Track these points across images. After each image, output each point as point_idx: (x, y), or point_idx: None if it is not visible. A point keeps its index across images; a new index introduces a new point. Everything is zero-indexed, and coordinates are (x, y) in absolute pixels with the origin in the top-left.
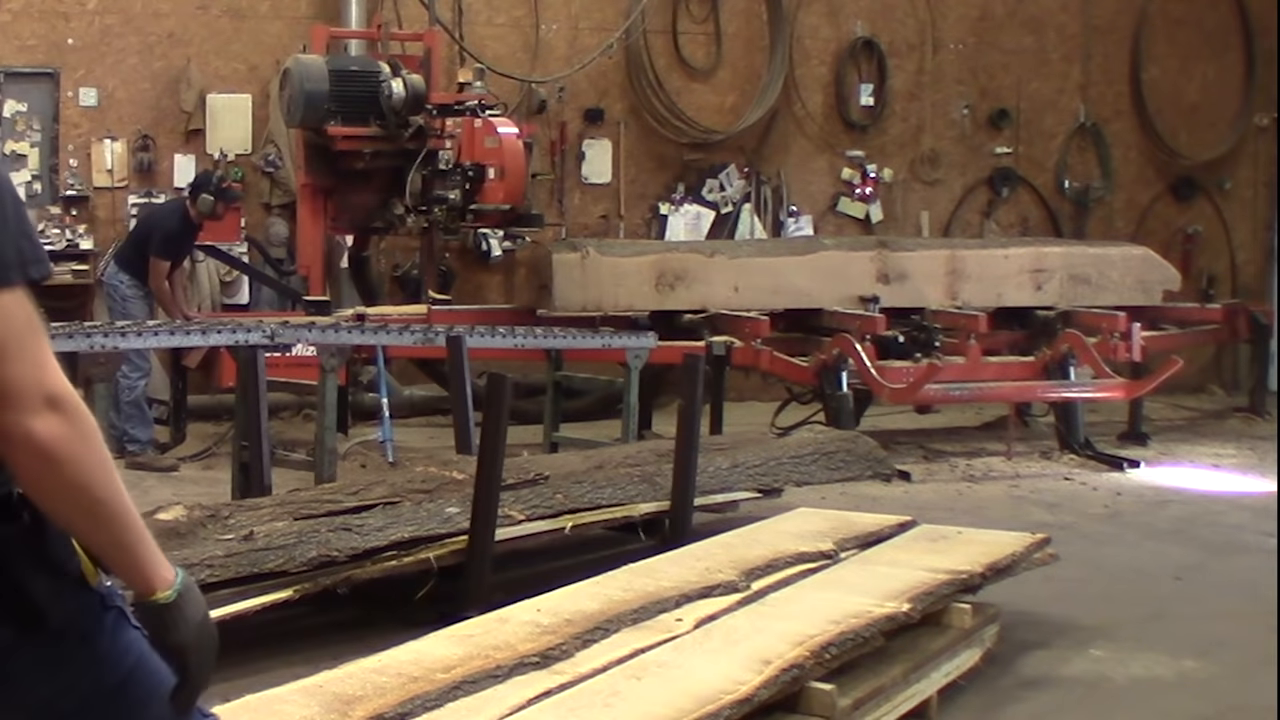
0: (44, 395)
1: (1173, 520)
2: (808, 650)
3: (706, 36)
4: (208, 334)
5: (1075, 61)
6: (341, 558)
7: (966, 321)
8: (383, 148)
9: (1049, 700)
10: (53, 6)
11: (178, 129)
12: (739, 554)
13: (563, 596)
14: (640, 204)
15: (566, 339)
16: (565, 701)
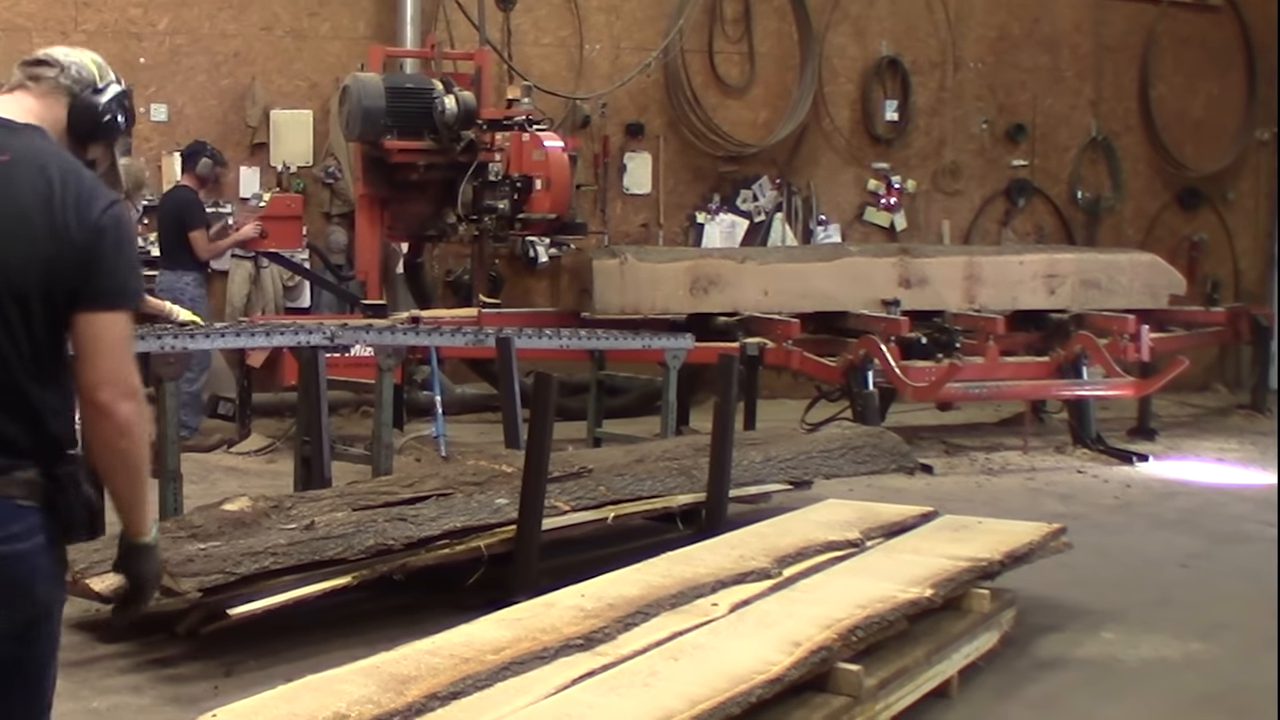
0: (129, 386)
1: (1179, 511)
2: (836, 633)
3: (740, 56)
4: (271, 335)
5: (1087, 79)
6: (397, 546)
7: (984, 324)
8: (436, 160)
9: (1063, 680)
10: (126, 27)
11: (243, 143)
12: (771, 542)
13: (606, 582)
14: (678, 213)
15: (608, 340)
16: (607, 681)
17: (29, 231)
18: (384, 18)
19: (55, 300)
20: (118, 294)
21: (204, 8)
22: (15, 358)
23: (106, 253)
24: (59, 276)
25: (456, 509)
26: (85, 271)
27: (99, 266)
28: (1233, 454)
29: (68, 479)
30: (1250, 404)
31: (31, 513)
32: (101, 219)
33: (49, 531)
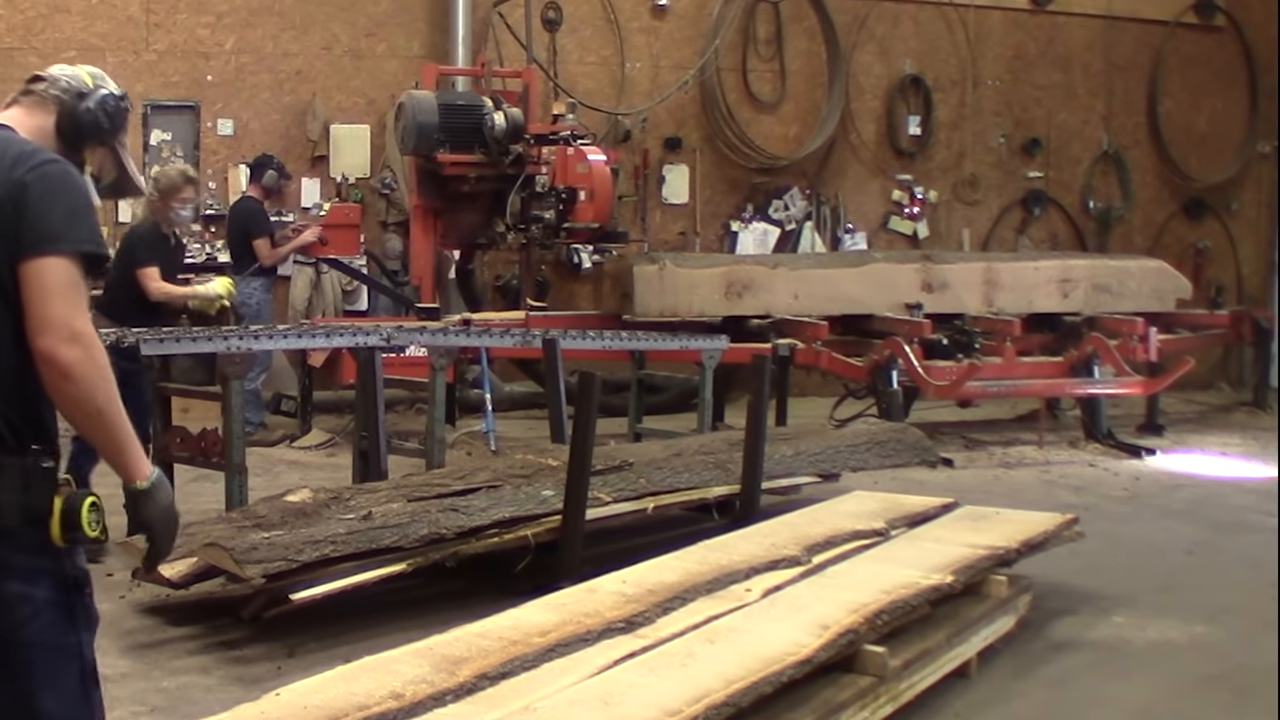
0: (70, 330)
1: (1185, 502)
2: (862, 617)
3: (773, 74)
4: (331, 337)
5: (1099, 96)
6: (449, 535)
7: (1002, 326)
8: (486, 173)
9: (1076, 662)
10: (194, 47)
11: (304, 155)
12: (801, 532)
13: (646, 569)
14: (714, 222)
15: (648, 341)
16: (647, 662)
17: None
18: (437, 38)
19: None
20: (50, 240)
21: (268, 29)
22: None
23: (31, 204)
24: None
25: (505, 500)
26: (14, 228)
27: (25, 217)
28: (1235, 448)
29: (20, 471)
30: (1252, 401)
31: None
32: (25, 175)
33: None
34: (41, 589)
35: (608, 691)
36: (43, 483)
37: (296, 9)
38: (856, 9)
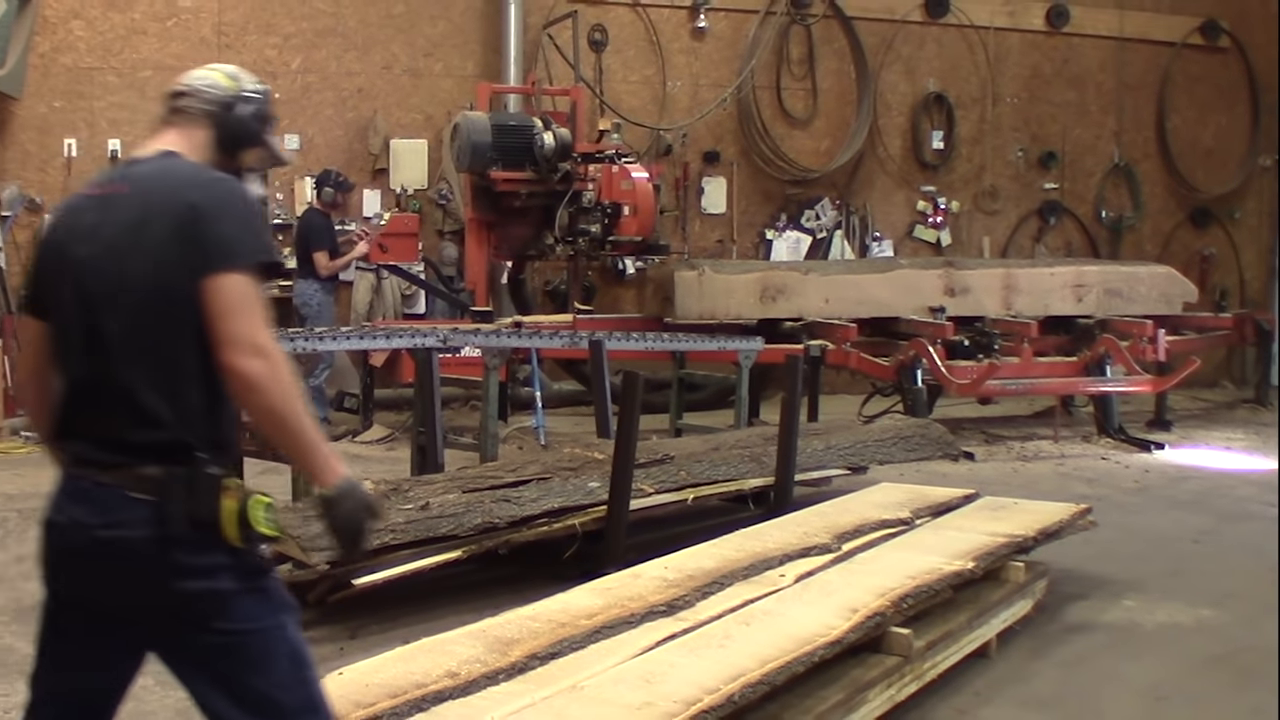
0: (253, 344)
1: (1192, 493)
2: (889, 601)
3: (805, 92)
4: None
5: (1110, 112)
6: (502, 524)
7: (1020, 328)
8: (536, 189)
9: (1089, 643)
10: (263, 67)
11: (366, 168)
12: (832, 521)
13: (686, 556)
14: (750, 231)
15: (688, 342)
16: (688, 643)
17: (128, 248)
18: (490, 58)
19: (171, 307)
20: (226, 257)
21: (331, 49)
22: (129, 367)
23: (203, 223)
24: (166, 280)
25: (554, 491)
26: (189, 248)
27: (199, 237)
28: (1239, 443)
29: (185, 480)
30: (1254, 398)
31: (142, 505)
32: (193, 195)
33: (164, 525)
34: (223, 582)
35: (650, 671)
36: (207, 488)
37: (359, 31)
38: (884, 31)
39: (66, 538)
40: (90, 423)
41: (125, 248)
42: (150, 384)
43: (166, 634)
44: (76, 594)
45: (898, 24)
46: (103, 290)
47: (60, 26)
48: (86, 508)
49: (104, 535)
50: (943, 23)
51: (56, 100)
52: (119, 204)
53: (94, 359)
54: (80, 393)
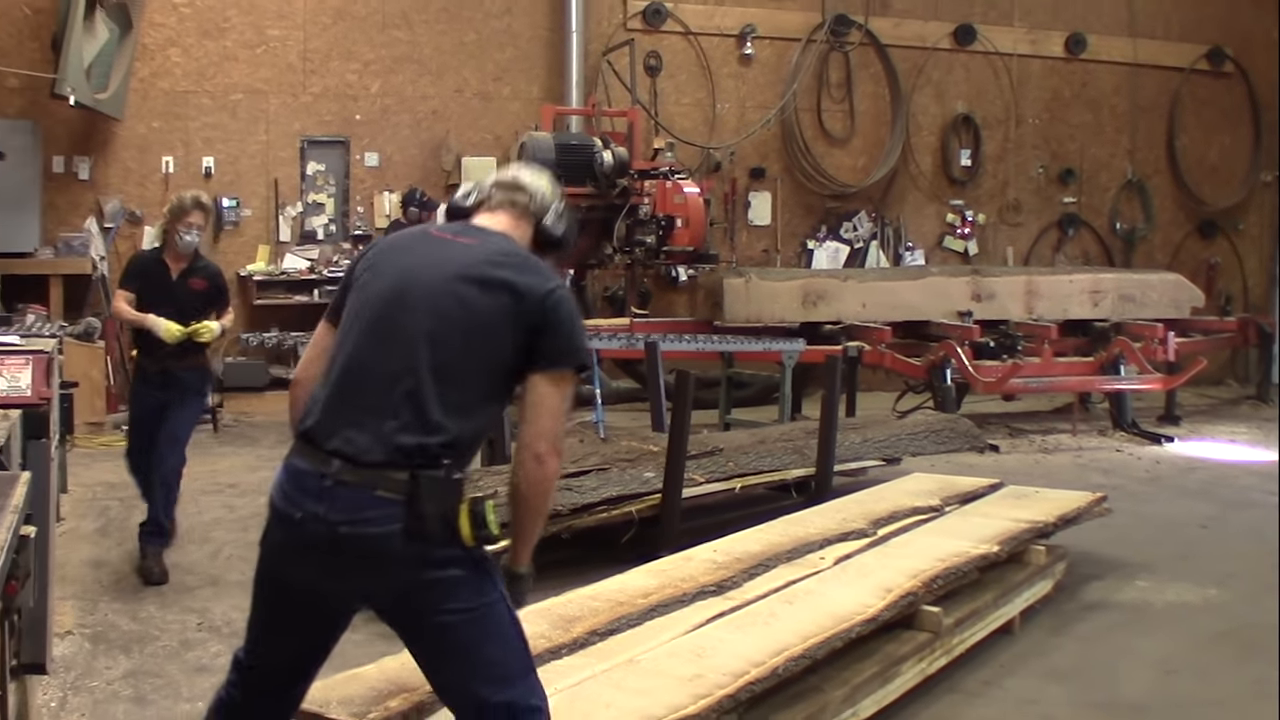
0: (557, 445)
1: (1199, 482)
2: (920, 581)
3: (843, 113)
4: None
5: (1124, 132)
6: (565, 511)
7: (1041, 331)
8: (596, 203)
9: (1105, 620)
10: (344, 90)
11: (439, 184)
12: (868, 508)
13: (733, 540)
14: (792, 241)
15: (736, 343)
16: (735, 620)
17: (472, 296)
18: (554, 82)
19: (492, 358)
20: (561, 358)
21: (408, 74)
22: (436, 385)
23: (552, 319)
24: (498, 342)
25: (613, 481)
26: (529, 334)
27: (543, 328)
28: (1242, 436)
29: (436, 485)
30: (1256, 395)
31: (391, 504)
32: (548, 289)
33: (407, 522)
34: (452, 570)
35: (701, 646)
36: (453, 492)
37: (433, 58)
38: (916, 58)
39: (305, 531)
40: (360, 424)
41: (469, 295)
42: (445, 403)
43: (406, 615)
44: (308, 580)
45: (929, 51)
46: (436, 317)
47: (158, 53)
48: (328, 505)
49: (348, 531)
50: (970, 50)
51: (155, 121)
52: (470, 253)
53: (403, 370)
54: (364, 395)
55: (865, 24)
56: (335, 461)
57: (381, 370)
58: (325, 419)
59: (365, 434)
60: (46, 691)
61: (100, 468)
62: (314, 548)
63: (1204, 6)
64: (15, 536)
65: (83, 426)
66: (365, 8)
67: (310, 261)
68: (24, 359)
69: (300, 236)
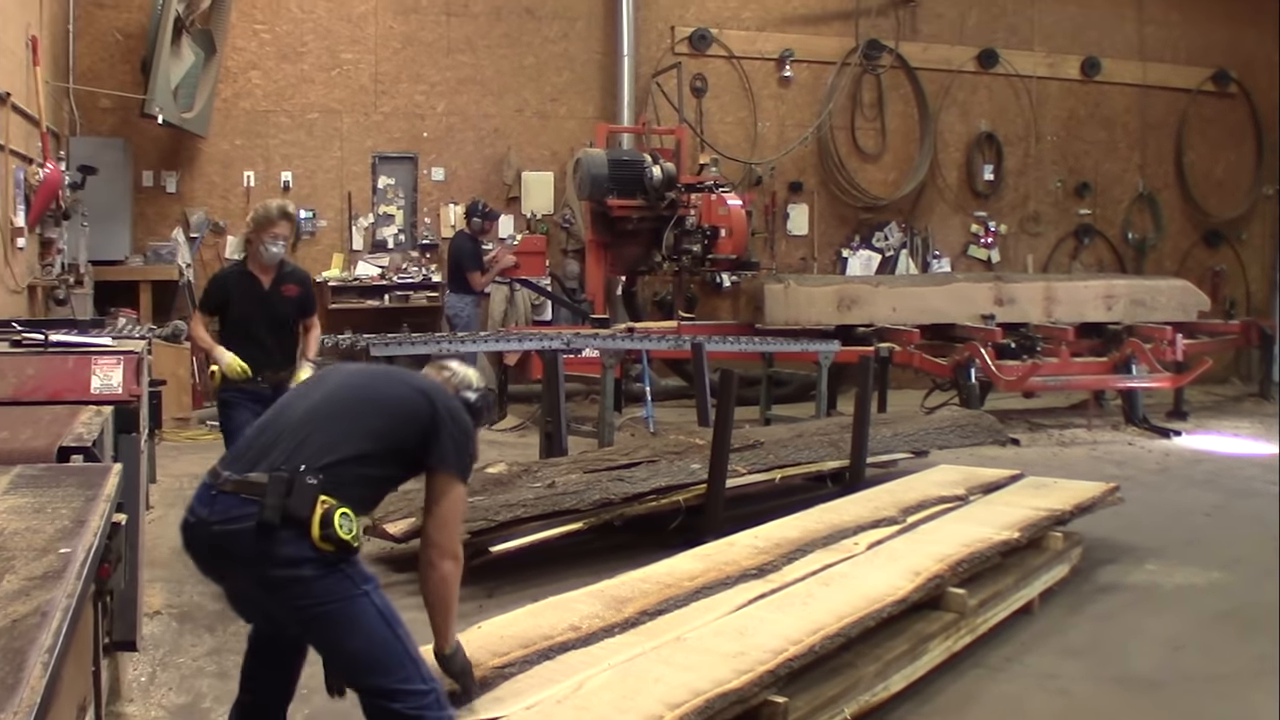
0: (453, 552)
1: (1205, 473)
2: (947, 565)
3: (875, 131)
4: (523, 341)
5: (1136, 149)
6: (617, 500)
7: (1058, 333)
8: (646, 214)
9: (1118, 601)
10: (413, 110)
11: (501, 196)
12: (898, 497)
13: (773, 527)
14: (828, 249)
15: (776, 344)
16: (775, 601)
17: (385, 383)
18: (607, 102)
19: (399, 442)
20: (448, 463)
21: (472, 95)
22: (346, 442)
23: (441, 425)
24: (408, 428)
25: (661, 472)
26: (428, 443)
27: (436, 440)
28: (1246, 430)
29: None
30: (1258, 393)
31: (249, 503)
32: (432, 398)
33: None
34: (305, 570)
35: (743, 625)
36: (304, 493)
37: (495, 80)
38: (942, 80)
39: (192, 533)
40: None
41: (382, 382)
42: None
43: (279, 612)
44: (208, 576)
45: (954, 73)
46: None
47: (240, 76)
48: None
49: (219, 530)
50: (993, 72)
51: (237, 139)
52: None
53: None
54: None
55: (896, 48)
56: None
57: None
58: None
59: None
60: (136, 667)
61: (186, 460)
62: (195, 547)
63: (1210, 32)
64: (108, 523)
65: (170, 421)
66: (432, 34)
67: (381, 269)
68: (116, 359)
69: (372, 245)
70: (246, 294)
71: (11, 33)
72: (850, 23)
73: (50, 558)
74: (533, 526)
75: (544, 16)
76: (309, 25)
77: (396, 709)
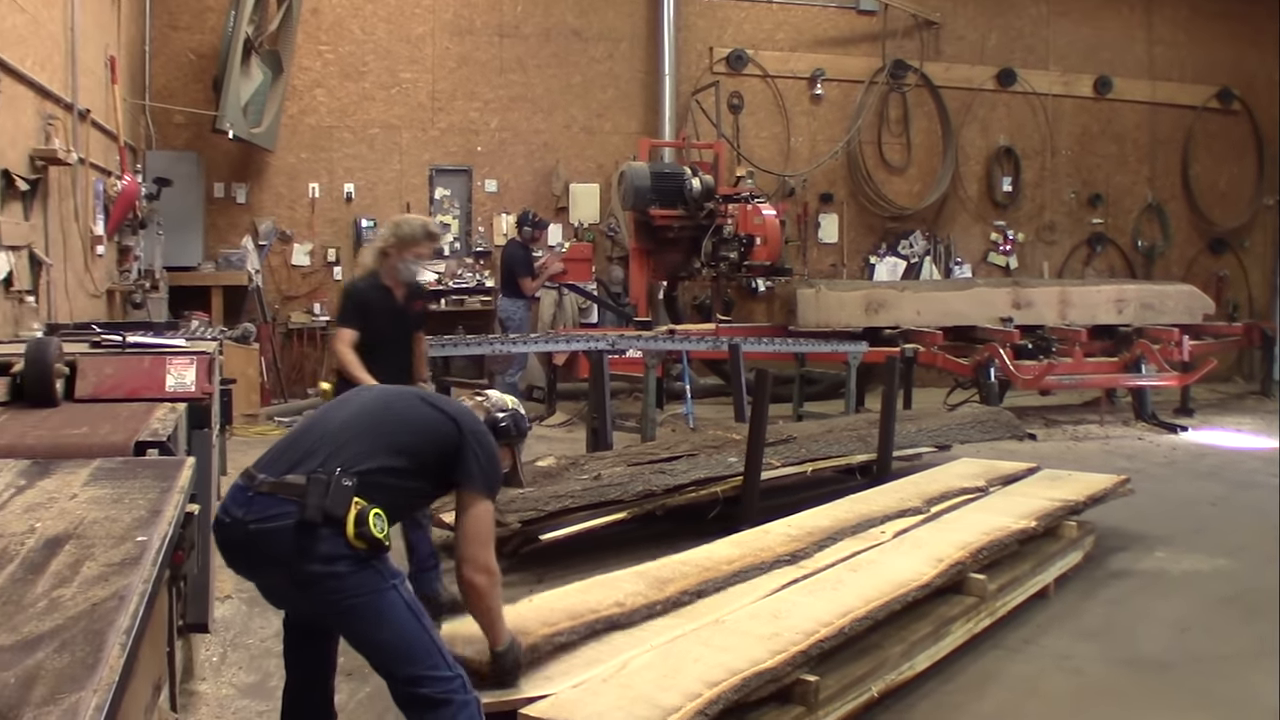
0: (483, 565)
1: (1210, 466)
2: (968, 552)
3: (901, 145)
4: (571, 342)
5: (1145, 162)
6: (659, 491)
7: (1072, 335)
8: (686, 224)
9: (1128, 585)
10: (468, 126)
11: (550, 207)
12: (922, 488)
13: (805, 516)
14: (857, 256)
15: (807, 345)
16: (807, 586)
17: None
18: (649, 118)
19: (435, 457)
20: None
21: (523, 111)
22: (378, 455)
23: (467, 445)
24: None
25: (700, 465)
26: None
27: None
28: (1248, 426)
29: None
30: (1260, 391)
31: (287, 503)
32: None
33: (299, 518)
34: (340, 566)
35: (777, 608)
36: (340, 494)
37: (544, 97)
38: (964, 97)
39: (228, 533)
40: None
41: (412, 404)
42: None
43: (315, 605)
44: (239, 572)
45: (975, 91)
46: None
47: (306, 93)
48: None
49: (256, 529)
50: (1011, 91)
51: (303, 152)
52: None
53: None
54: None
55: (920, 68)
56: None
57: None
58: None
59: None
60: (209, 648)
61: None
62: (230, 546)
63: (1215, 53)
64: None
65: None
66: (486, 54)
67: (438, 274)
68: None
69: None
70: (383, 308)
71: (91, 53)
72: (877, 44)
73: (128, 545)
74: (580, 516)
75: (590, 38)
76: (370, 46)
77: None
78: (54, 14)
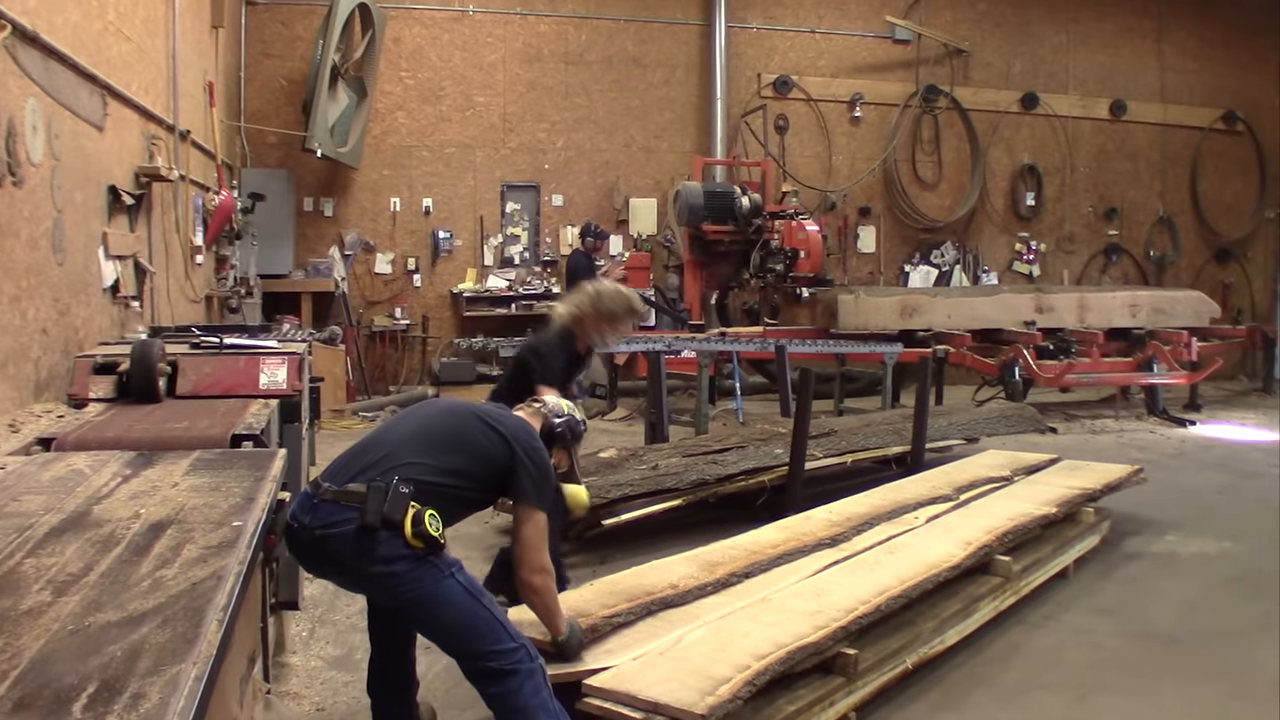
0: (538, 567)
1: (1217, 457)
2: (994, 536)
3: (933, 163)
4: (630, 344)
5: (1156, 178)
6: (711, 480)
7: (1090, 337)
8: (736, 238)
9: (1141, 567)
10: (535, 145)
11: (611, 220)
12: (953, 478)
13: (845, 503)
14: (892, 265)
15: (848, 346)
16: (846, 567)
17: (476, 440)
18: (702, 138)
19: (488, 470)
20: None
21: (587, 132)
22: (435, 472)
23: (520, 457)
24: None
25: (749, 456)
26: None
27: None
28: (1251, 421)
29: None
30: (1262, 388)
31: (349, 509)
32: (520, 435)
33: (360, 523)
34: (398, 565)
35: (819, 587)
36: (398, 500)
37: (607, 119)
38: (991, 119)
39: (296, 538)
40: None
41: (469, 424)
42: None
43: (381, 599)
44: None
45: (1001, 114)
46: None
47: (387, 116)
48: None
49: (321, 534)
50: (1034, 113)
51: (385, 169)
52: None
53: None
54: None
55: (951, 92)
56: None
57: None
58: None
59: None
60: (298, 624)
61: (341, 445)
62: (299, 549)
63: (1221, 78)
64: (274, 500)
65: (327, 413)
66: (553, 80)
67: (508, 281)
68: (281, 359)
69: (500, 261)
70: (572, 365)
71: (192, 79)
72: (911, 70)
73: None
74: (639, 503)
75: (649, 65)
76: (446, 73)
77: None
78: (157, 43)
